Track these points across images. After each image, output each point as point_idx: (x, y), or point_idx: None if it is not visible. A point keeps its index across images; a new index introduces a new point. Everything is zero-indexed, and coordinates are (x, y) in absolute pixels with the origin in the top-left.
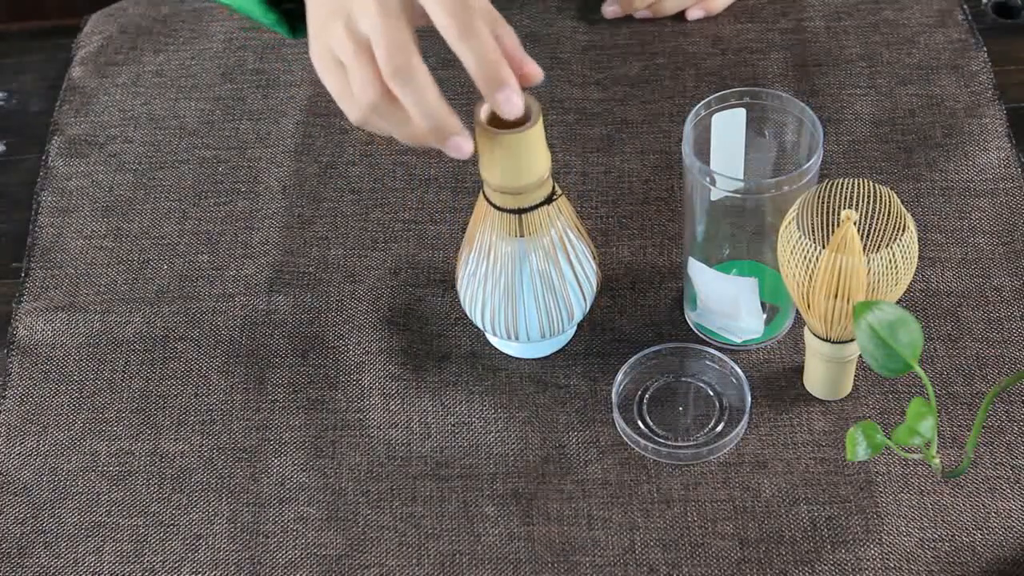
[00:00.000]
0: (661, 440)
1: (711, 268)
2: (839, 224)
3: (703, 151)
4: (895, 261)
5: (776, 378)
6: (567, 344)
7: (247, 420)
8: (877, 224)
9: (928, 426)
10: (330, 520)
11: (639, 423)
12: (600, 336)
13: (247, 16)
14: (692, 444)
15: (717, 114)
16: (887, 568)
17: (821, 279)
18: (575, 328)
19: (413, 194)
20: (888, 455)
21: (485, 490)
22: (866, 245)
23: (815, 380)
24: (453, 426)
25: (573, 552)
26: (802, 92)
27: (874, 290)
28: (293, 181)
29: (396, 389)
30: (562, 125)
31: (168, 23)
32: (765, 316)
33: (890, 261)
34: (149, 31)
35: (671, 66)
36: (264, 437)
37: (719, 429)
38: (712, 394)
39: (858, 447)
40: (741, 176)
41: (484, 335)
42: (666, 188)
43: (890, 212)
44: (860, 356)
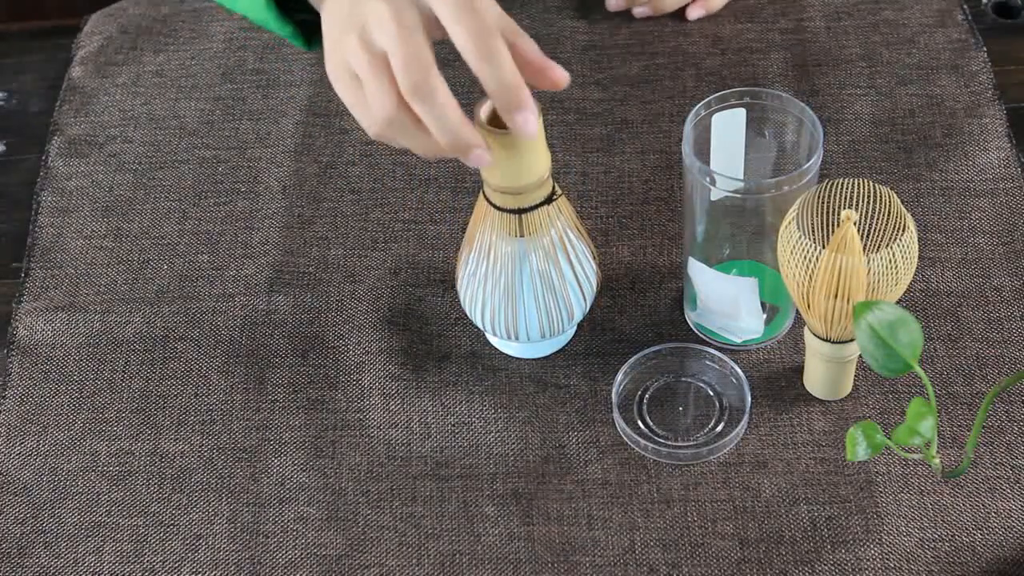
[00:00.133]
0: (661, 440)
1: (711, 268)
2: (839, 224)
3: (703, 151)
4: (895, 261)
5: (776, 378)
6: (567, 344)
7: (247, 420)
8: (877, 224)
9: (928, 426)
10: (330, 520)
11: (639, 423)
12: (600, 336)
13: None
14: (692, 444)
15: (717, 114)
16: (887, 568)
17: (821, 279)
18: (575, 328)
19: (413, 194)
20: (888, 455)
21: (485, 490)
22: (866, 245)
23: (815, 380)
24: (453, 426)
25: (573, 552)
26: (802, 92)
27: (874, 290)
28: (293, 181)
29: (396, 389)
30: (562, 125)
31: (168, 23)
32: (765, 316)
33: (890, 261)
34: (149, 31)
35: (671, 66)
36: (264, 437)
37: (719, 429)
38: (712, 394)
39: (858, 447)
40: (741, 176)
41: (484, 335)
42: (666, 188)
43: (890, 212)
44: (860, 356)
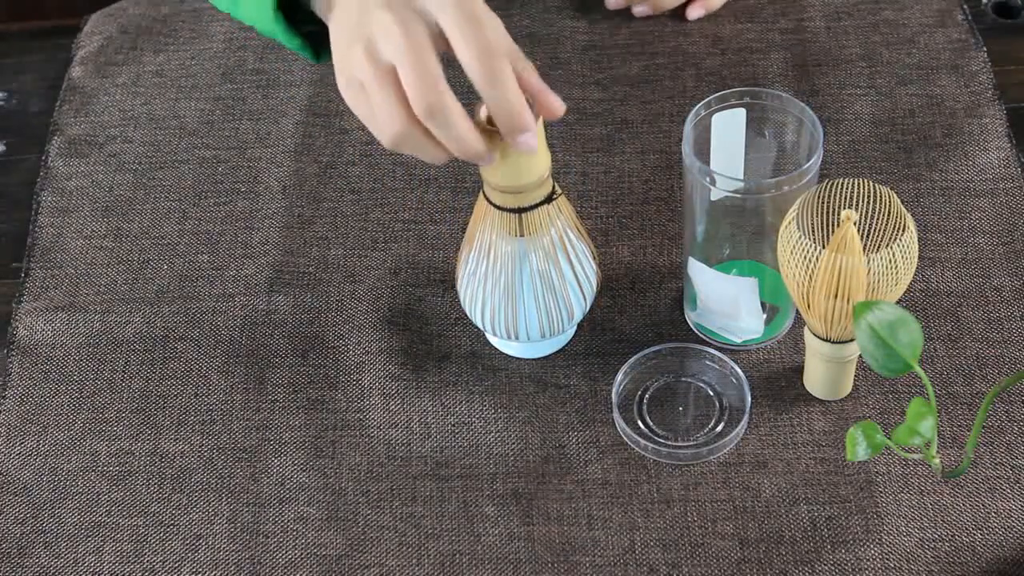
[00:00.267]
0: (661, 440)
1: (711, 268)
2: (839, 224)
3: (703, 151)
4: (895, 261)
5: (776, 378)
6: (567, 344)
7: (247, 420)
8: (877, 224)
9: (928, 426)
10: (330, 520)
11: (639, 423)
12: (600, 336)
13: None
14: (692, 444)
15: (717, 114)
16: (887, 568)
17: (821, 279)
18: (575, 328)
19: (413, 194)
20: (888, 455)
21: (485, 490)
22: (866, 245)
23: (815, 380)
24: (453, 426)
25: (573, 552)
26: (802, 92)
27: (874, 290)
28: (293, 181)
29: (396, 389)
30: (562, 125)
31: (168, 23)
32: (765, 316)
33: (890, 261)
34: (149, 31)
35: (671, 66)
36: (264, 437)
37: (719, 429)
38: (712, 394)
39: (858, 447)
40: (741, 176)
41: (484, 335)
42: (666, 188)
43: (890, 212)
44: (860, 356)
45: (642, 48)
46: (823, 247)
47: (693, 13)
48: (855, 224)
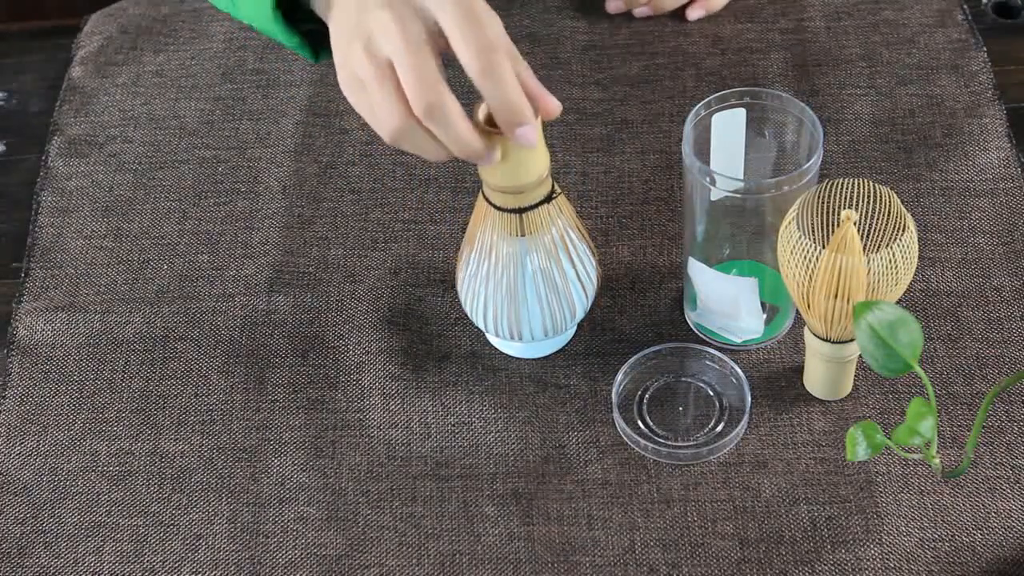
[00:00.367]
0: (661, 440)
1: (711, 268)
2: (839, 224)
3: (703, 151)
4: (895, 261)
5: (776, 378)
6: (567, 344)
7: (247, 420)
8: (877, 224)
9: (928, 426)
10: (330, 520)
11: (639, 423)
12: (600, 336)
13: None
14: (692, 444)
15: (717, 114)
16: (887, 568)
17: (821, 279)
18: (575, 328)
19: (413, 194)
20: (888, 455)
21: (485, 490)
22: (866, 245)
23: (815, 380)
24: (453, 426)
25: (573, 552)
26: (802, 92)
27: (874, 290)
28: (293, 181)
29: (396, 389)
30: (562, 125)
31: (168, 23)
32: (765, 316)
33: (890, 261)
34: (149, 31)
35: (671, 66)
36: (264, 437)
37: (719, 429)
38: (712, 394)
39: (858, 447)
40: (741, 176)
41: (484, 335)
42: (666, 188)
43: (890, 212)
44: (860, 356)
45: (642, 48)
46: (823, 247)
47: (693, 14)
48: (855, 224)
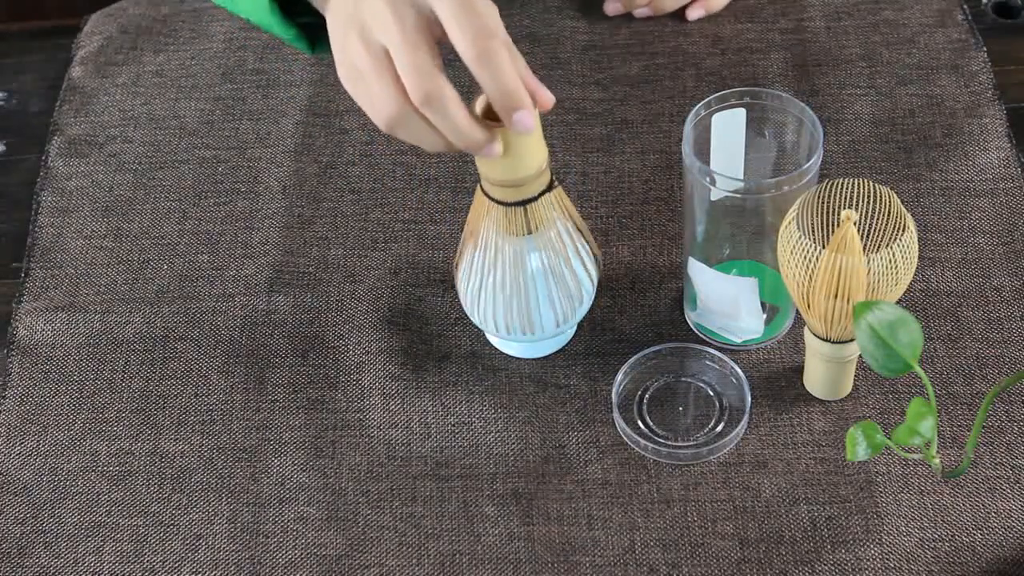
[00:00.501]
0: (661, 440)
1: (711, 268)
2: (839, 224)
3: (703, 151)
4: (895, 261)
5: (776, 378)
6: (567, 344)
7: (247, 420)
8: (877, 224)
9: (928, 426)
10: (330, 520)
11: (639, 423)
12: (600, 336)
13: (267, 30)
14: (692, 444)
15: (717, 114)
16: (887, 568)
17: (821, 279)
18: (575, 328)
19: (413, 194)
20: (888, 455)
21: (485, 490)
22: (866, 245)
23: (815, 380)
24: (453, 426)
25: (573, 552)
26: (802, 92)
27: (874, 290)
28: (293, 181)
29: (396, 389)
30: (562, 125)
31: (168, 23)
32: (765, 316)
33: (890, 261)
34: (149, 31)
35: (671, 66)
36: (264, 437)
37: (719, 429)
38: (712, 394)
39: (858, 447)
40: (741, 176)
41: (484, 335)
42: (666, 188)
43: (890, 212)
44: (860, 356)
45: (642, 48)
46: (823, 247)
47: (693, 14)
48: (855, 224)
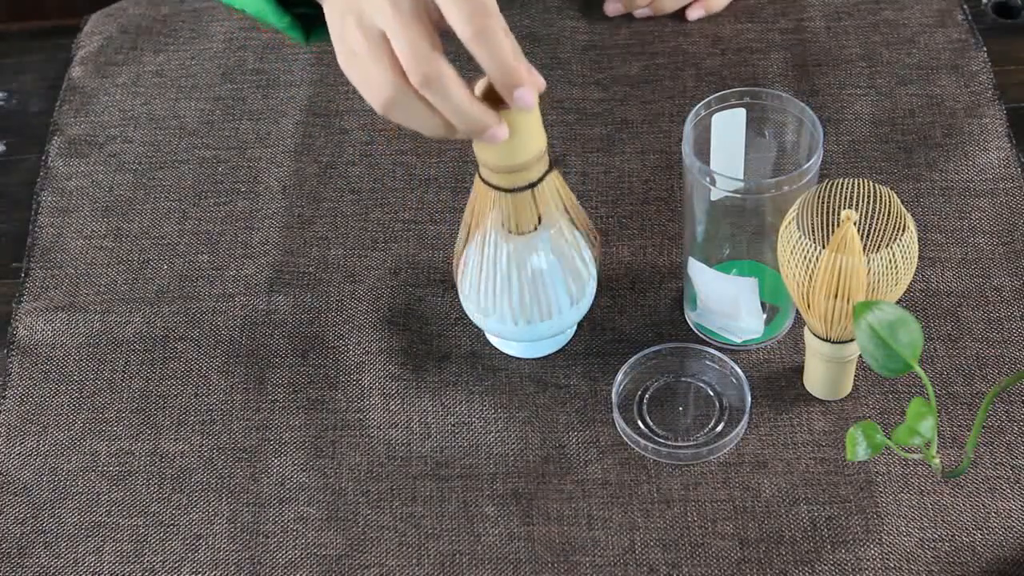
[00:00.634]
0: (661, 440)
1: (711, 268)
2: (839, 224)
3: (703, 151)
4: (895, 261)
5: (776, 378)
6: (567, 344)
7: (247, 420)
8: (877, 224)
9: (928, 426)
10: (330, 520)
11: (639, 423)
12: (600, 336)
13: (261, 20)
14: (692, 444)
15: (717, 114)
16: (887, 568)
17: (821, 279)
18: (575, 328)
19: (413, 194)
20: (888, 455)
21: (485, 490)
22: (866, 245)
23: (815, 380)
24: (453, 426)
25: (573, 552)
26: (802, 92)
27: (874, 290)
28: (293, 181)
29: (396, 389)
30: (562, 125)
31: (168, 23)
32: (765, 316)
33: (890, 261)
34: (149, 31)
35: (671, 66)
36: (264, 437)
37: (719, 429)
38: (712, 394)
39: (858, 447)
40: (741, 176)
41: (484, 335)
42: (666, 188)
43: (890, 212)
44: (860, 356)
45: (642, 48)
46: (823, 247)
47: (693, 14)
48: (855, 224)
